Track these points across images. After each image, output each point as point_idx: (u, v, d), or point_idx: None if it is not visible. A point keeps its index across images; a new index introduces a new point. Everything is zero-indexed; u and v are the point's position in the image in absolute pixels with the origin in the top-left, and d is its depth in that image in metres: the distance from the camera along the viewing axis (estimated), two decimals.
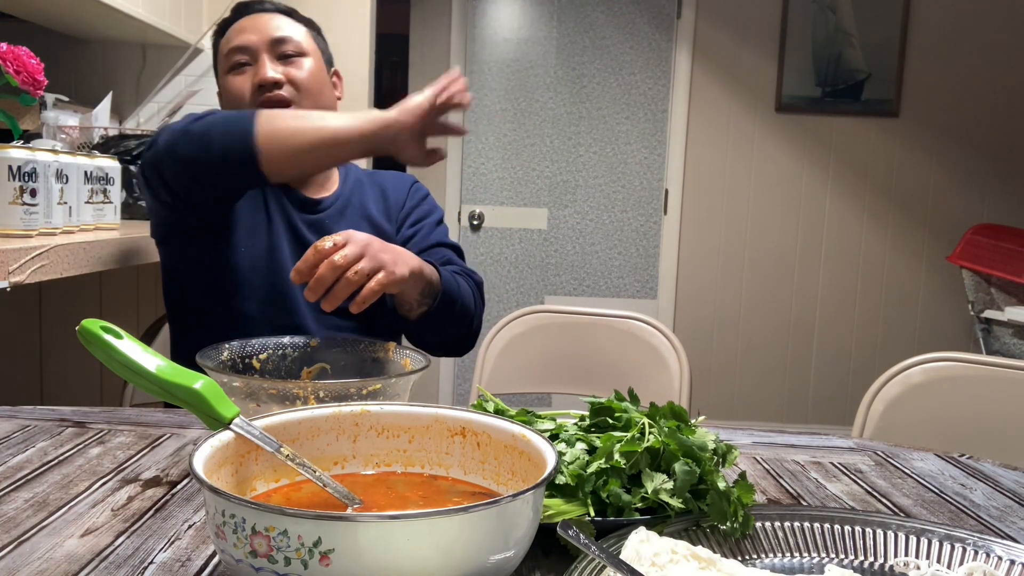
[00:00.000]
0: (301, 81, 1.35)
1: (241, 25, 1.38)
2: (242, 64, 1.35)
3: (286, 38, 1.36)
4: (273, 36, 1.35)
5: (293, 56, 1.36)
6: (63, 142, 1.93)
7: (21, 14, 2.49)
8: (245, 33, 1.36)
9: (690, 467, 0.71)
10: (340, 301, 1.05)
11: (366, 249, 1.06)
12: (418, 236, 1.43)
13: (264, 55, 1.34)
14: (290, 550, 0.50)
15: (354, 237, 1.07)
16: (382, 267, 1.07)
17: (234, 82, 1.35)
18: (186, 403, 0.66)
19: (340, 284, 1.04)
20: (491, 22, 4.08)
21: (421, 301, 1.21)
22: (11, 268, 1.31)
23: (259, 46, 1.35)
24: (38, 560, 0.66)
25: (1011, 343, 3.35)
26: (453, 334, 1.33)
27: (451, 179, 4.14)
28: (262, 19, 1.38)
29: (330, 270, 1.03)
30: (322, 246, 1.04)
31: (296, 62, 1.36)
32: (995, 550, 0.66)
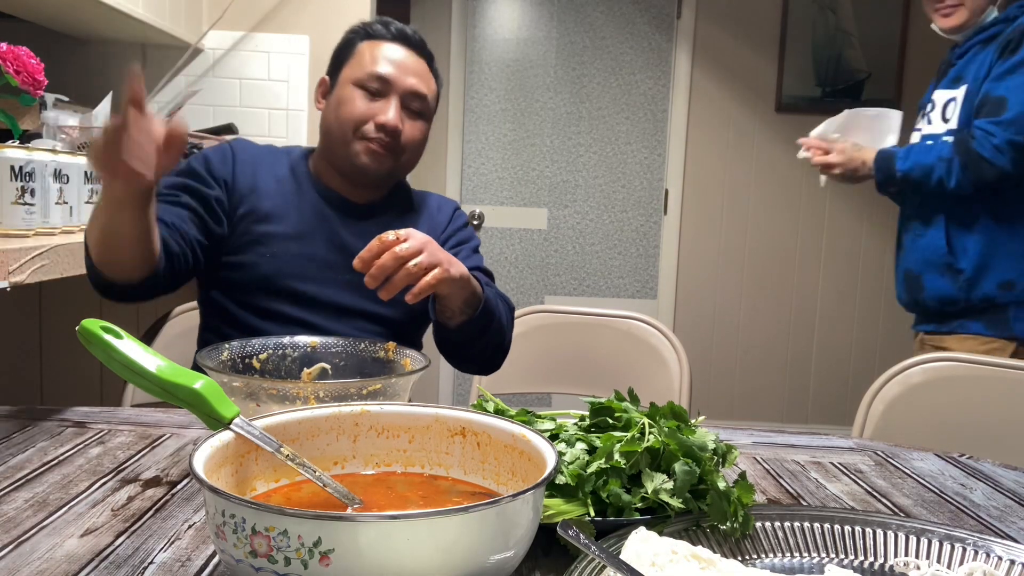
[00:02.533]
0: (413, 139, 1.42)
1: (393, 55, 1.41)
2: (372, 90, 1.39)
3: (423, 95, 1.42)
4: (415, 89, 1.40)
5: (417, 113, 1.42)
6: (63, 142, 1.92)
7: (21, 14, 2.49)
8: (394, 68, 1.40)
9: (690, 467, 0.71)
10: (397, 290, 1.11)
11: (426, 246, 1.12)
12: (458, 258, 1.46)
13: (396, 98, 1.39)
14: (290, 550, 0.50)
15: (415, 234, 1.13)
16: (439, 264, 1.13)
17: (360, 101, 1.39)
18: (186, 403, 0.66)
19: (400, 274, 1.09)
20: (491, 22, 4.08)
21: (463, 309, 1.25)
22: (11, 268, 1.31)
23: (397, 87, 1.39)
24: (38, 560, 0.66)
25: None
26: (485, 350, 1.36)
27: (451, 179, 4.14)
28: (412, 58, 1.42)
29: (393, 260, 1.09)
30: (386, 238, 1.10)
31: (416, 121, 1.43)
32: (995, 550, 0.66)
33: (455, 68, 4.07)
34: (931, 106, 2.04)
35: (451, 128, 4.11)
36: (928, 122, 2.06)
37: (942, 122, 1.99)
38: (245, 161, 1.44)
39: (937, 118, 2.00)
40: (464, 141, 4.13)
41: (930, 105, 2.05)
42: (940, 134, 1.98)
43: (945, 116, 1.98)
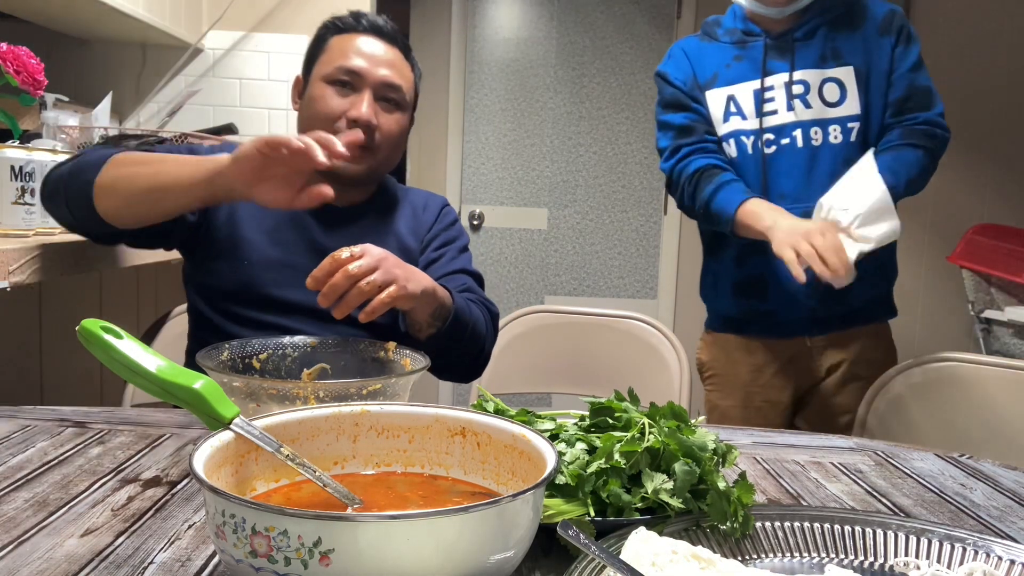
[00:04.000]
0: (390, 133, 1.36)
1: (364, 47, 1.36)
2: (345, 83, 1.34)
3: (397, 87, 1.36)
4: (387, 80, 1.35)
5: (393, 105, 1.37)
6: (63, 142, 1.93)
7: (21, 14, 2.49)
8: (363, 59, 1.35)
9: (690, 467, 0.71)
10: (351, 309, 1.08)
11: (381, 263, 1.10)
12: (442, 260, 1.44)
13: (369, 91, 1.34)
14: (290, 550, 0.50)
15: (370, 250, 1.10)
16: (394, 281, 1.10)
17: (331, 98, 1.34)
18: (186, 403, 0.66)
19: (352, 293, 1.07)
20: (491, 22, 4.08)
21: (431, 323, 1.23)
22: (11, 268, 1.31)
23: (369, 80, 1.34)
24: (38, 560, 0.66)
25: (1011, 343, 3.35)
26: (461, 359, 1.34)
27: (451, 179, 4.14)
28: (384, 52, 1.37)
29: (344, 278, 1.06)
30: (339, 255, 1.08)
31: (393, 112, 1.37)
32: (995, 550, 0.66)
33: (455, 68, 4.07)
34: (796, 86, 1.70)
35: (451, 128, 4.11)
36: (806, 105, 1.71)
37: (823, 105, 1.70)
38: None
39: (815, 100, 1.70)
40: (464, 141, 4.13)
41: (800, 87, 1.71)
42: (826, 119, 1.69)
43: (825, 97, 1.70)
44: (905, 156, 1.69)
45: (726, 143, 1.75)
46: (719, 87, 1.75)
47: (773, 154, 1.72)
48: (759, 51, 1.73)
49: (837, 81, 1.70)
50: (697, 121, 1.77)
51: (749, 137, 1.72)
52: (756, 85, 1.73)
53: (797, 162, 1.70)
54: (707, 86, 1.76)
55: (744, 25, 1.75)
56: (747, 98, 1.72)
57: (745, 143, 1.73)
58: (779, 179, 1.71)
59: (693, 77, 1.78)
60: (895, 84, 1.71)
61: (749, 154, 1.72)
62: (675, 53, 1.84)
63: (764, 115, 1.72)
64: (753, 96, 1.72)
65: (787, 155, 1.71)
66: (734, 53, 1.76)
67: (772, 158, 1.72)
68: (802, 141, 1.70)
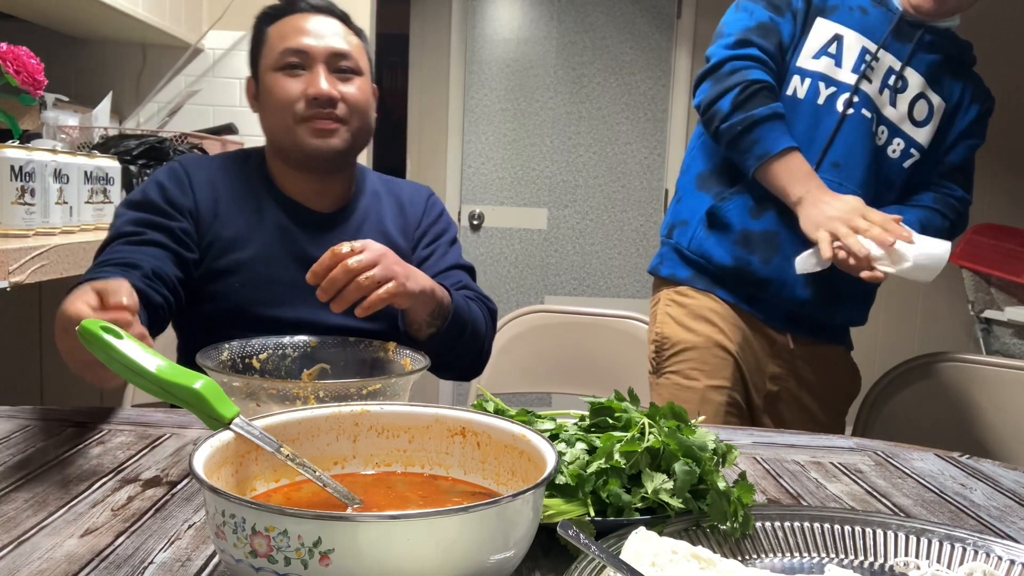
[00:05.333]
0: (354, 101, 1.31)
1: (300, 25, 1.31)
2: (294, 66, 1.29)
3: (346, 53, 1.31)
4: (334, 49, 1.30)
5: (348, 73, 1.32)
6: (63, 142, 1.93)
7: (21, 14, 2.49)
8: (305, 36, 1.30)
9: (690, 467, 0.71)
10: (348, 304, 1.07)
11: (380, 258, 1.09)
12: (434, 257, 1.42)
13: (321, 66, 1.29)
14: (290, 550, 0.50)
15: (371, 245, 1.09)
16: (393, 278, 1.09)
17: (285, 84, 1.29)
18: (186, 403, 0.66)
19: (350, 287, 1.06)
20: (491, 22, 4.08)
21: (430, 322, 1.22)
22: (11, 268, 1.31)
23: (317, 54, 1.29)
24: (38, 560, 0.66)
25: (1011, 343, 3.35)
26: (461, 358, 1.33)
27: (451, 179, 4.14)
28: (322, 23, 1.32)
29: (343, 273, 1.06)
30: (339, 250, 1.07)
31: (351, 80, 1.32)
32: (995, 550, 0.66)
33: (455, 68, 4.07)
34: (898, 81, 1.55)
35: (451, 128, 4.11)
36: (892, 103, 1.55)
37: (907, 115, 1.57)
38: (202, 183, 1.32)
39: (904, 105, 1.56)
40: (464, 141, 4.13)
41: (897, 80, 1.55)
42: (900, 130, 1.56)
43: (913, 109, 1.57)
44: (935, 221, 1.58)
45: (799, 78, 1.54)
46: (834, 20, 1.55)
47: (849, 119, 1.53)
48: (889, 19, 1.54)
49: (930, 104, 1.57)
50: (782, 30, 1.55)
51: (831, 87, 1.53)
52: (867, 44, 1.53)
53: (864, 143, 1.53)
54: (824, 12, 1.55)
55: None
56: (853, 49, 1.53)
57: (822, 91, 1.53)
58: (842, 148, 1.53)
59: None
60: (958, 148, 1.62)
61: (819, 105, 1.53)
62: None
63: (858, 72, 1.53)
64: (859, 52, 1.53)
65: (857, 130, 1.53)
66: (864, 1, 1.56)
67: (845, 124, 1.53)
68: (874, 127, 1.55)
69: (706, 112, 1.54)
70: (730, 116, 1.49)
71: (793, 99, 1.53)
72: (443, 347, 1.25)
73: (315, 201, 1.36)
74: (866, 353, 4.33)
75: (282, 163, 1.35)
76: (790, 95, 1.54)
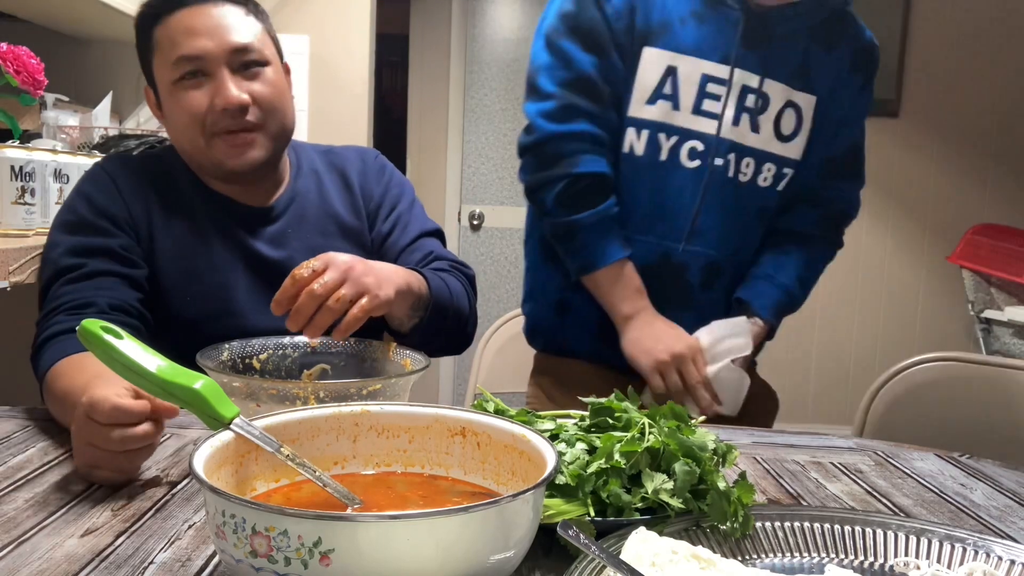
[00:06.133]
0: (268, 99, 1.19)
1: (189, 23, 1.16)
2: (195, 74, 1.16)
3: (248, 46, 1.17)
4: (233, 45, 1.16)
5: (255, 66, 1.19)
6: (63, 142, 1.93)
7: (21, 14, 2.49)
8: (198, 37, 1.15)
9: (690, 467, 0.71)
10: (321, 331, 0.99)
11: (347, 274, 1.00)
12: (396, 229, 1.32)
13: (223, 69, 1.16)
14: (290, 550, 0.50)
15: (334, 261, 1.00)
16: (365, 291, 1.01)
17: (188, 98, 1.16)
18: (186, 403, 0.66)
19: (321, 313, 0.98)
20: (491, 22, 4.08)
21: (412, 315, 1.15)
22: (11, 268, 1.31)
23: (217, 57, 1.15)
24: (38, 560, 0.66)
25: (1011, 343, 3.35)
26: (448, 338, 1.26)
27: (451, 179, 4.14)
28: (212, 15, 1.17)
29: (309, 299, 0.97)
30: (300, 274, 0.98)
31: (260, 75, 1.19)
32: (995, 550, 0.66)
33: (455, 68, 4.07)
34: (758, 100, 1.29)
35: (451, 128, 4.11)
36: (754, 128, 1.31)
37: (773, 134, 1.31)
38: (130, 188, 1.20)
39: (768, 125, 1.30)
40: (464, 141, 4.13)
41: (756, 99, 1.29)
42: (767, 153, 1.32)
43: (780, 125, 1.31)
44: (818, 260, 1.45)
45: (634, 132, 1.29)
46: (663, 47, 1.27)
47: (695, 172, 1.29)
48: (733, 24, 1.27)
49: (797, 109, 1.32)
50: (608, 76, 1.28)
51: (673, 137, 1.28)
52: (711, 69, 1.27)
53: (723, 197, 1.31)
54: (649, 37, 1.27)
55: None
56: (691, 81, 1.27)
57: (662, 145, 1.29)
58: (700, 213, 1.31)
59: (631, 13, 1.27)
60: (839, 136, 1.38)
61: (663, 162, 1.29)
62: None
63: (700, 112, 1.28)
64: (700, 81, 1.27)
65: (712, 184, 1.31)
66: (697, 4, 1.28)
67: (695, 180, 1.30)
68: (733, 170, 1.31)
69: (530, 196, 1.37)
70: (554, 214, 1.32)
71: (631, 158, 1.30)
72: (428, 334, 1.19)
73: (250, 196, 1.26)
74: (866, 353, 4.34)
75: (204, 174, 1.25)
76: (627, 153, 1.30)
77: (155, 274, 1.19)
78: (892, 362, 1.58)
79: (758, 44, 1.28)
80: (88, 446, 0.81)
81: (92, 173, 1.24)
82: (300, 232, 1.27)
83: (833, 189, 1.43)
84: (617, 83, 1.29)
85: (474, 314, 1.31)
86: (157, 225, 1.21)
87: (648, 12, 1.26)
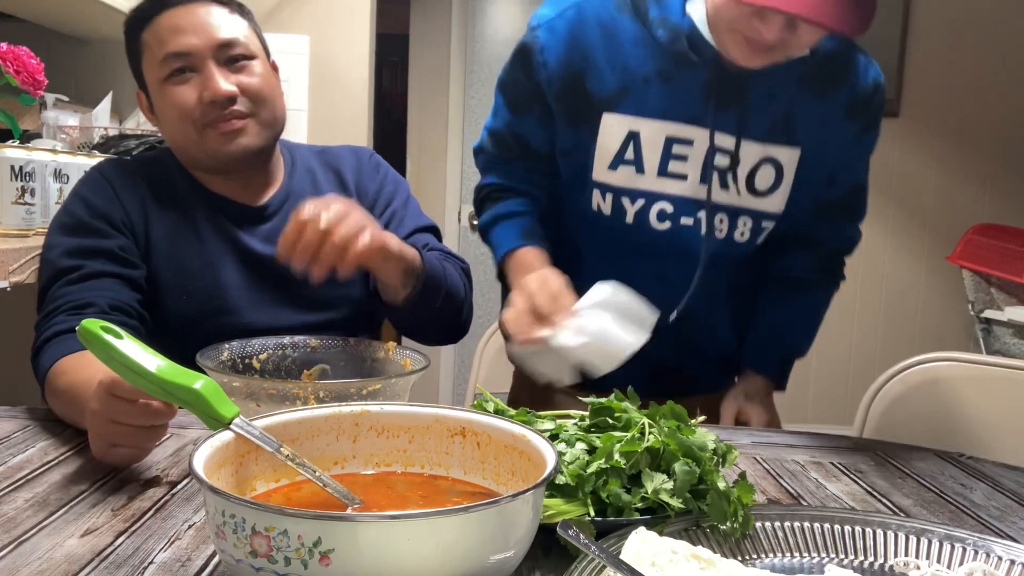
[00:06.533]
0: (256, 90, 1.21)
1: (175, 23, 1.19)
2: (183, 70, 1.18)
3: (233, 40, 1.20)
4: (219, 40, 1.19)
5: (242, 60, 1.21)
6: (63, 142, 1.93)
7: (21, 14, 2.49)
8: (184, 35, 1.18)
9: (690, 467, 0.71)
10: (328, 266, 1.01)
11: (349, 211, 1.02)
12: (391, 226, 1.33)
13: (210, 63, 1.18)
14: (290, 550, 0.50)
15: (334, 201, 1.03)
16: (366, 227, 1.03)
17: (178, 93, 1.18)
18: (186, 403, 0.66)
19: (327, 247, 1.00)
20: (491, 22, 4.08)
21: (405, 282, 1.15)
22: (11, 268, 1.31)
23: (204, 51, 1.18)
24: (38, 560, 0.66)
25: (1011, 343, 3.34)
26: (442, 319, 1.26)
27: (451, 179, 4.14)
28: (198, 14, 1.20)
29: (315, 233, 1.00)
30: (300, 214, 1.01)
31: (246, 67, 1.21)
32: (995, 550, 0.66)
33: (455, 68, 4.07)
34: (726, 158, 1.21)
35: (451, 128, 4.11)
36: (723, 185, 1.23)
37: (747, 191, 1.24)
38: (127, 189, 1.22)
39: (741, 184, 1.23)
40: (464, 141, 4.13)
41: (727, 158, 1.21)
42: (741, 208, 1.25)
43: (755, 182, 1.23)
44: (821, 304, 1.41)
45: (599, 193, 1.25)
46: (624, 113, 1.20)
47: (665, 233, 1.25)
48: (701, 84, 1.19)
49: (776, 164, 1.23)
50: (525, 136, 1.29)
51: (639, 200, 1.24)
52: (676, 130, 1.20)
53: (694, 258, 1.25)
54: (608, 103, 1.21)
55: (691, 28, 1.17)
56: (655, 144, 1.21)
57: (628, 209, 1.24)
58: (668, 271, 1.26)
59: (579, 78, 1.21)
60: (838, 182, 1.31)
61: (629, 224, 1.25)
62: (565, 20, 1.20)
63: (666, 174, 1.22)
64: (664, 144, 1.21)
65: (681, 241, 1.25)
66: (663, 63, 1.19)
67: (660, 239, 1.25)
68: (705, 228, 1.24)
69: None
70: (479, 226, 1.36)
71: (600, 217, 1.27)
72: (422, 310, 1.19)
73: (245, 195, 1.28)
74: (866, 353, 4.33)
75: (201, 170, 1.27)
76: (595, 210, 1.27)
77: (152, 273, 1.21)
78: (892, 362, 1.58)
79: (732, 103, 1.19)
80: (109, 424, 0.82)
81: (89, 176, 1.26)
82: None
83: (829, 231, 1.38)
84: (541, 140, 1.29)
85: (469, 304, 1.32)
86: (154, 225, 1.22)
87: (603, 77, 1.20)
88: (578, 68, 1.21)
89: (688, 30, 1.17)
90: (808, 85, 1.22)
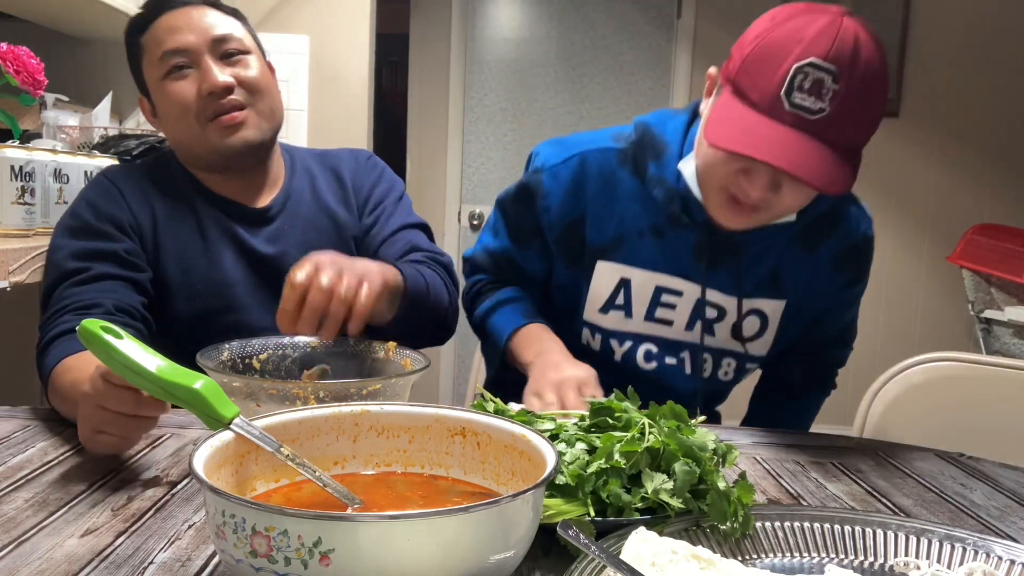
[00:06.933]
0: (252, 82, 1.24)
1: (171, 23, 1.23)
2: (181, 67, 1.22)
3: (228, 36, 1.24)
4: (214, 35, 1.22)
5: (237, 55, 1.24)
6: (63, 142, 1.93)
7: (21, 14, 2.49)
8: (180, 33, 1.22)
9: (690, 467, 0.71)
10: (339, 324, 1.01)
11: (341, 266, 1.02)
12: (379, 223, 1.35)
13: (207, 57, 1.21)
14: (290, 550, 0.50)
15: (321, 259, 1.02)
16: (363, 277, 1.03)
17: (177, 89, 1.22)
18: (186, 403, 0.66)
19: (333, 306, 0.99)
20: (491, 22, 4.08)
21: (389, 308, 1.16)
22: (11, 268, 1.31)
23: (200, 47, 1.21)
24: (38, 560, 0.66)
25: (1011, 343, 3.34)
26: (426, 330, 1.27)
27: (451, 179, 4.14)
28: (193, 15, 1.24)
29: (320, 295, 0.98)
30: (296, 278, 0.99)
31: (242, 61, 1.24)
32: (995, 550, 0.66)
33: (455, 68, 4.07)
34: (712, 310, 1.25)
35: (451, 128, 4.11)
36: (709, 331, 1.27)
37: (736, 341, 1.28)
38: (133, 193, 1.25)
39: (725, 331, 1.27)
40: (464, 141, 4.13)
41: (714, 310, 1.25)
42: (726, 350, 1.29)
43: (743, 334, 1.27)
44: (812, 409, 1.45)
45: (588, 332, 1.30)
46: (616, 261, 1.25)
47: (652, 372, 1.29)
48: (692, 243, 1.22)
49: (762, 316, 1.27)
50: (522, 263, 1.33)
51: (627, 342, 1.28)
52: (665, 281, 1.24)
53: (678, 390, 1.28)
54: (603, 252, 1.25)
55: (685, 190, 1.19)
56: (645, 292, 1.25)
57: (616, 349, 1.29)
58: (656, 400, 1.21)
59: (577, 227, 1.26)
60: (825, 324, 1.35)
61: (617, 362, 1.29)
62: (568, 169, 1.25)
63: (654, 319, 1.27)
64: (654, 293, 1.25)
65: (667, 379, 1.29)
66: (657, 219, 1.23)
67: (648, 376, 1.29)
68: (690, 367, 1.29)
69: None
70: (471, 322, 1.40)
71: (589, 351, 1.31)
72: (408, 325, 1.19)
73: (248, 196, 1.31)
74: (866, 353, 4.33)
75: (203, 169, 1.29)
76: (584, 345, 1.32)
77: (160, 274, 1.23)
78: (892, 362, 1.58)
79: (722, 262, 1.23)
80: (96, 409, 0.82)
81: (96, 181, 1.28)
82: (295, 229, 1.32)
83: (820, 355, 1.43)
84: (537, 269, 1.33)
85: (455, 307, 1.33)
86: (160, 228, 1.25)
87: (600, 227, 1.25)
88: (577, 216, 1.26)
89: (682, 191, 1.20)
90: (800, 240, 1.25)
